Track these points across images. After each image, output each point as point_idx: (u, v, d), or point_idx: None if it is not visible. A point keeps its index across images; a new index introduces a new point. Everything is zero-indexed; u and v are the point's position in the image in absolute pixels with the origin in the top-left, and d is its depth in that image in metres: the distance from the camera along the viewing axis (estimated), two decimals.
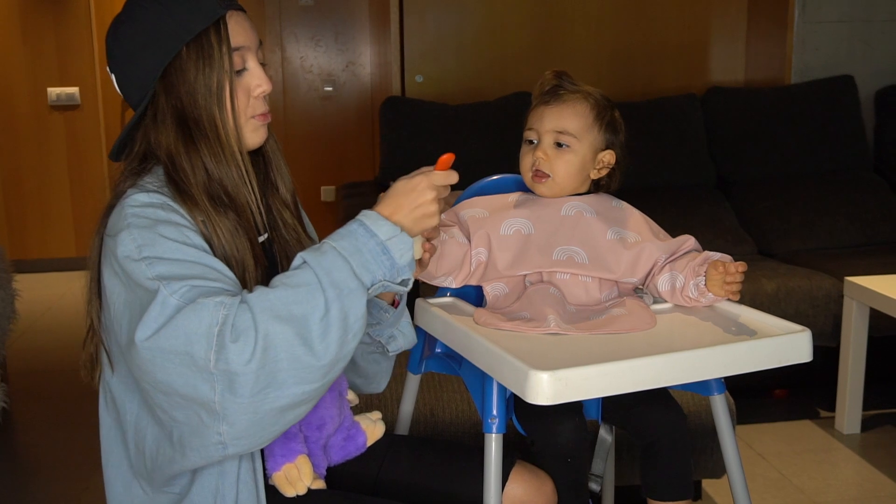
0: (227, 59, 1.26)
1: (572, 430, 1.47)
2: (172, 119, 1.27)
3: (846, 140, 3.88)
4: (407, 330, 1.46)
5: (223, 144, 1.28)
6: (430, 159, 1.31)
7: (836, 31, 4.05)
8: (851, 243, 3.55)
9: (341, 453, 1.44)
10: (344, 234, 1.20)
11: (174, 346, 1.11)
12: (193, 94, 1.26)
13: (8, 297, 3.17)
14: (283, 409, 1.13)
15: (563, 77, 1.59)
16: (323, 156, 5.20)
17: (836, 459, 2.79)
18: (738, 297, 1.47)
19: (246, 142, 1.33)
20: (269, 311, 1.11)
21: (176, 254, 1.18)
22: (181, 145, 1.27)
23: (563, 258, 1.52)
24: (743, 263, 1.45)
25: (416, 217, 1.24)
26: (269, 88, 1.32)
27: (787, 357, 1.36)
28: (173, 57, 1.25)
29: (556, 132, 1.55)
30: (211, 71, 1.25)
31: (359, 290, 1.16)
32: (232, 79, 1.27)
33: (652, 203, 3.44)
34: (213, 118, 1.27)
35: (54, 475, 2.77)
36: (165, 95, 1.27)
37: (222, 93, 1.27)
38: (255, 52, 1.31)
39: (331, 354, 1.13)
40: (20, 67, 5.16)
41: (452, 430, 2.10)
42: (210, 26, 1.25)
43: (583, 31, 4.23)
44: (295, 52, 5.13)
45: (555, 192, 1.58)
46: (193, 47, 1.25)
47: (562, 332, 1.38)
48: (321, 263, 1.16)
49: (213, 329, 1.10)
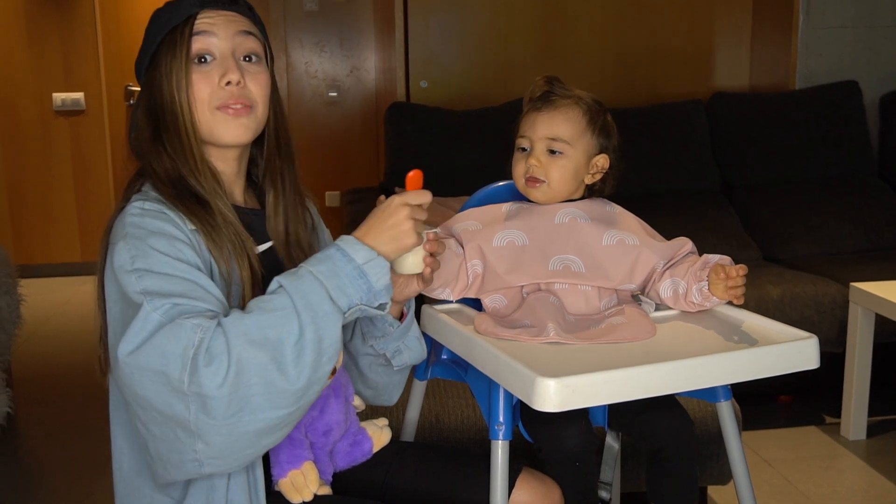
0: (185, 47, 1.29)
1: (579, 435, 1.47)
2: (144, 113, 1.33)
3: (851, 145, 3.87)
4: (414, 345, 1.46)
5: (180, 134, 1.30)
6: (436, 165, 1.32)
7: (841, 37, 4.05)
8: (856, 249, 3.54)
9: (347, 459, 1.44)
10: (321, 258, 1.21)
11: (151, 364, 1.12)
12: (160, 86, 1.31)
13: (13, 302, 3.18)
14: (259, 432, 1.14)
15: (555, 83, 1.58)
16: (327, 161, 5.21)
17: (842, 466, 2.79)
18: (742, 301, 1.45)
19: (219, 136, 1.33)
20: (243, 335, 1.12)
21: (165, 268, 1.19)
22: (149, 142, 1.32)
23: (559, 268, 1.51)
24: (743, 266, 1.44)
25: (391, 236, 1.24)
26: (236, 77, 1.31)
27: (794, 364, 1.36)
28: (153, 54, 1.32)
29: (549, 139, 1.54)
30: (174, 61, 1.29)
31: (334, 313, 1.17)
32: (188, 68, 1.29)
33: (656, 208, 3.44)
34: (174, 108, 1.30)
35: (59, 480, 2.77)
36: (144, 90, 1.34)
37: (179, 82, 1.29)
38: (227, 43, 1.32)
39: (304, 378, 1.14)
40: (25, 72, 5.18)
41: (458, 436, 2.10)
42: (180, 23, 1.30)
43: (587, 37, 4.23)
44: (300, 58, 5.14)
45: (549, 198, 1.57)
46: (166, 42, 1.31)
47: (562, 341, 1.38)
48: (297, 287, 1.17)
49: (189, 351, 1.11)
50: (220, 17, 1.32)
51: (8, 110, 5.20)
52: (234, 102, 1.31)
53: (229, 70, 1.31)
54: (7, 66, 5.16)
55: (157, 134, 1.32)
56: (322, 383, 1.17)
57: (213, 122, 1.32)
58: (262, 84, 1.34)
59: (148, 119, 1.33)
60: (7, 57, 5.16)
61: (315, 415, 1.36)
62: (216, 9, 1.32)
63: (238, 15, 1.34)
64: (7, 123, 5.21)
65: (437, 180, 3.98)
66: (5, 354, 3.11)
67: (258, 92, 1.34)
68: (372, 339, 1.43)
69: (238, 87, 1.31)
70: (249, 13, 1.37)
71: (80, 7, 5.17)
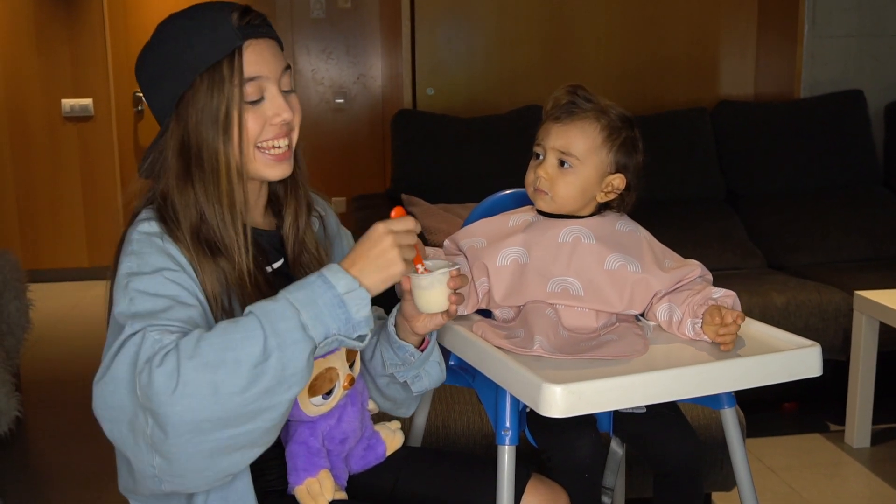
0: (237, 89, 1.26)
1: (590, 446, 1.48)
2: (175, 149, 1.28)
3: (856, 154, 3.88)
4: (434, 370, 1.46)
5: (219, 177, 1.27)
6: (442, 172, 1.34)
7: (846, 46, 4.07)
8: (861, 257, 3.55)
9: (361, 462, 1.46)
10: (301, 285, 1.18)
11: (120, 372, 1.13)
12: (199, 125, 1.26)
13: (22, 306, 3.20)
14: (212, 452, 1.12)
15: (578, 93, 1.53)
16: (334, 168, 5.23)
17: (846, 473, 2.79)
18: (729, 348, 1.40)
19: (262, 174, 1.33)
20: (196, 357, 1.10)
21: (158, 288, 1.20)
22: (176, 178, 1.28)
23: (557, 290, 1.49)
24: (740, 314, 1.40)
25: (378, 265, 1.21)
26: (290, 116, 1.31)
27: (798, 371, 1.37)
28: (188, 87, 1.26)
29: (560, 151, 1.51)
30: (220, 101, 1.25)
31: (303, 342, 1.14)
32: (241, 108, 1.26)
33: (661, 217, 3.45)
34: (215, 149, 1.26)
35: (67, 484, 2.79)
36: (177, 123, 1.28)
37: (229, 123, 1.26)
38: (276, 80, 1.30)
39: (256, 403, 1.11)
40: (35, 79, 5.21)
41: (464, 441, 2.11)
42: (225, 57, 1.26)
43: (593, 45, 4.25)
44: (307, 65, 5.17)
45: (554, 209, 1.54)
46: (206, 77, 1.26)
47: (545, 355, 1.37)
48: (268, 312, 1.14)
49: (144, 365, 1.11)
50: (265, 49, 1.30)
51: (17, 116, 5.23)
52: (280, 137, 1.31)
53: (282, 108, 1.30)
54: (17, 72, 5.19)
55: (188, 172, 1.28)
56: (285, 408, 1.15)
57: (254, 160, 1.31)
58: (299, 112, 1.35)
59: (179, 156, 1.29)
60: (17, 64, 5.19)
61: (333, 423, 1.38)
62: (256, 38, 1.29)
63: (273, 42, 1.32)
64: (16, 129, 5.24)
65: (443, 187, 4.02)
66: (14, 359, 3.13)
67: (297, 121, 1.35)
68: (392, 366, 1.44)
69: (287, 123, 1.32)
70: (276, 34, 1.35)
71: (88, 14, 5.20)
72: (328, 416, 1.36)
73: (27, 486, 2.79)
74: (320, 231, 1.51)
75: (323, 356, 1.28)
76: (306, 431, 1.36)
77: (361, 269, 1.20)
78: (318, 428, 1.36)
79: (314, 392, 1.31)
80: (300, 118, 1.36)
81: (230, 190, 1.28)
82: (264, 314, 1.14)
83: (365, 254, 1.21)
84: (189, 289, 1.23)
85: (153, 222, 1.27)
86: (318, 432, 1.36)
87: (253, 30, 1.28)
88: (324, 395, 1.32)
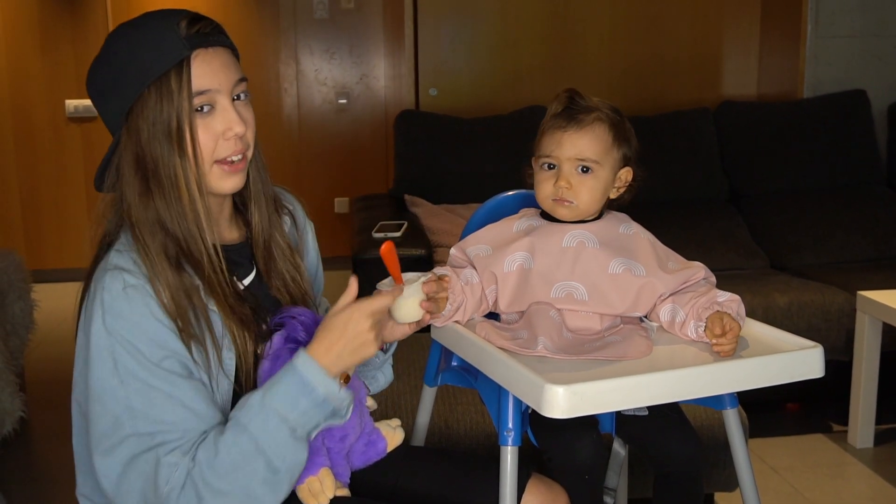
0: (186, 101, 1.22)
1: (591, 447, 1.48)
2: (131, 163, 1.26)
3: (859, 154, 3.88)
4: (388, 370, 1.54)
5: (180, 191, 1.25)
6: (444, 172, 1.34)
7: (849, 46, 4.06)
8: (864, 257, 3.55)
9: (363, 458, 1.47)
10: (280, 387, 1.22)
11: (133, 488, 1.22)
12: (152, 139, 1.23)
13: (27, 307, 3.21)
14: None
15: (575, 97, 1.53)
16: (337, 168, 5.23)
17: (849, 474, 2.79)
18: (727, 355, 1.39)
19: (212, 187, 1.30)
20: (212, 487, 1.19)
21: (147, 376, 1.22)
22: (138, 196, 1.26)
23: (561, 295, 1.49)
24: (738, 326, 1.40)
25: (353, 348, 1.25)
26: (242, 130, 1.27)
27: (800, 372, 1.37)
28: (135, 99, 1.23)
29: (578, 159, 1.50)
30: (171, 113, 1.22)
31: (300, 442, 1.23)
32: (192, 120, 1.23)
33: (664, 217, 3.46)
34: (172, 165, 1.24)
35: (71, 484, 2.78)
36: (129, 137, 1.26)
37: (181, 136, 1.23)
38: (227, 92, 1.26)
39: (282, 497, 1.24)
40: (39, 80, 5.22)
41: (466, 441, 2.12)
42: (172, 68, 1.22)
43: (596, 46, 4.25)
44: (309, 65, 5.17)
45: (576, 216, 1.54)
46: (154, 89, 1.22)
47: (549, 355, 1.37)
48: (261, 428, 1.21)
49: (163, 490, 1.19)
50: (214, 59, 1.25)
51: (21, 117, 5.24)
52: (235, 153, 1.29)
53: (234, 123, 1.27)
54: (21, 73, 5.20)
55: (147, 188, 1.26)
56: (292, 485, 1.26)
57: (210, 175, 1.28)
58: (252, 122, 1.32)
59: (136, 171, 1.26)
60: (21, 64, 5.20)
61: None
62: (206, 47, 1.24)
63: (226, 51, 1.28)
64: (21, 130, 5.26)
65: (445, 188, 4.03)
66: (19, 359, 3.13)
67: (251, 133, 1.32)
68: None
69: (241, 138, 1.29)
70: (230, 41, 1.31)
71: (92, 15, 5.21)
72: None
73: (31, 486, 2.80)
74: (292, 229, 1.50)
75: None
76: None
77: (338, 356, 1.24)
78: None
79: None
80: (254, 131, 1.32)
81: (193, 205, 1.26)
82: (259, 429, 1.21)
83: (342, 339, 1.25)
84: (175, 351, 1.24)
85: (127, 275, 1.24)
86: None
87: (202, 38, 1.25)
88: None
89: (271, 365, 1.31)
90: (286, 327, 1.33)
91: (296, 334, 1.32)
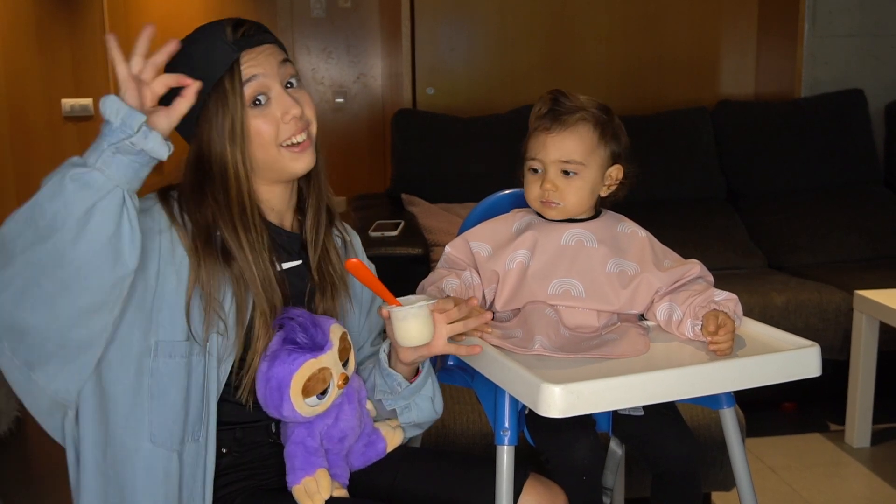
0: (240, 98, 1.31)
1: (588, 448, 1.48)
2: (192, 162, 1.35)
3: (856, 154, 3.88)
4: (425, 405, 1.48)
5: (229, 184, 1.32)
6: (442, 171, 1.35)
7: (846, 46, 4.06)
8: (862, 257, 3.55)
9: (362, 459, 1.47)
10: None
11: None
12: (212, 141, 1.32)
13: None
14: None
15: (560, 97, 1.53)
16: (334, 167, 5.10)
17: (846, 473, 2.79)
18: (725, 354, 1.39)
19: (291, 170, 1.37)
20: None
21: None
22: (191, 186, 1.34)
23: (559, 292, 1.50)
24: (732, 323, 1.40)
25: None
26: (298, 111, 1.35)
27: (796, 372, 1.37)
28: (201, 109, 1.31)
29: (562, 162, 1.51)
30: (226, 113, 1.31)
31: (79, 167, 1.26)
32: (244, 115, 1.31)
33: (662, 217, 3.46)
34: (225, 159, 1.32)
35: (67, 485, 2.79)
36: (196, 141, 1.35)
37: (237, 132, 1.31)
38: (276, 78, 1.34)
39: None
40: (35, 79, 5.21)
41: (463, 441, 2.11)
42: (226, 72, 1.30)
43: (593, 45, 4.25)
44: (307, 64, 5.17)
45: (565, 215, 1.55)
46: (213, 95, 1.31)
47: (546, 354, 1.38)
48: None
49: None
50: (260, 54, 1.33)
51: (18, 115, 5.23)
52: (297, 133, 1.35)
53: (289, 105, 1.34)
54: (17, 72, 5.20)
55: (201, 185, 1.34)
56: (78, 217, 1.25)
57: (280, 159, 1.36)
58: (310, 103, 1.40)
59: (195, 169, 1.35)
60: (18, 64, 5.19)
61: (330, 423, 1.38)
62: (252, 47, 1.33)
63: (272, 46, 1.36)
64: (17, 128, 5.25)
65: (443, 187, 4.01)
66: None
67: (310, 112, 1.39)
68: (380, 393, 1.46)
69: (300, 118, 1.35)
70: (274, 38, 1.38)
71: (89, 15, 5.21)
72: (325, 416, 1.37)
73: (27, 486, 2.79)
74: (342, 249, 1.53)
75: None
76: (304, 431, 1.36)
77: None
78: (316, 428, 1.36)
79: (308, 393, 1.31)
80: (313, 110, 1.40)
81: (240, 197, 1.33)
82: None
83: None
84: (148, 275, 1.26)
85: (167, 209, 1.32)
86: (315, 432, 1.36)
87: (247, 40, 1.33)
88: (318, 395, 1.33)
89: (269, 365, 1.31)
90: (285, 328, 1.33)
91: (294, 335, 1.32)
